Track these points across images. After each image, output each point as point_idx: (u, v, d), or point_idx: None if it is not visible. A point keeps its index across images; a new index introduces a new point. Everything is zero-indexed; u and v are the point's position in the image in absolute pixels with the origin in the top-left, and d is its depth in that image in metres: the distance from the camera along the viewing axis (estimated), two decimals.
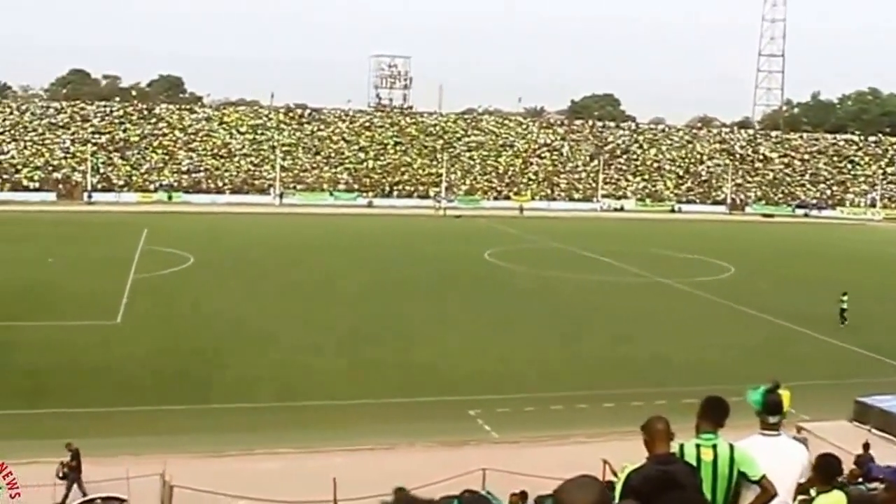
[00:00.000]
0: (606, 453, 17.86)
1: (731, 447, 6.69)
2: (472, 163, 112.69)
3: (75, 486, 20.59)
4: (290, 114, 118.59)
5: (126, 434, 25.41)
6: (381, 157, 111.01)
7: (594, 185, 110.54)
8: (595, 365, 33.89)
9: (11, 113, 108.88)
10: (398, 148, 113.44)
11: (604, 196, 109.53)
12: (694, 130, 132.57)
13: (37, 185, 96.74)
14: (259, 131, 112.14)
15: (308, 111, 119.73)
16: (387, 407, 28.15)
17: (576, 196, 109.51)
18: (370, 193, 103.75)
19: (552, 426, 26.24)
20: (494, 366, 33.01)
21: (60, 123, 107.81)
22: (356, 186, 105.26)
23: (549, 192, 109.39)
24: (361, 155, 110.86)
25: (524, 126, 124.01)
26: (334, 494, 18.43)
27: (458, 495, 5.10)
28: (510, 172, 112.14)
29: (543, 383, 30.80)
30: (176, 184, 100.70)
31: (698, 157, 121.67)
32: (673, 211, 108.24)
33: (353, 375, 31.51)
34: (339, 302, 44.26)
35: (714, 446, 6.63)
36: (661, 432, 6.22)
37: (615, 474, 15.84)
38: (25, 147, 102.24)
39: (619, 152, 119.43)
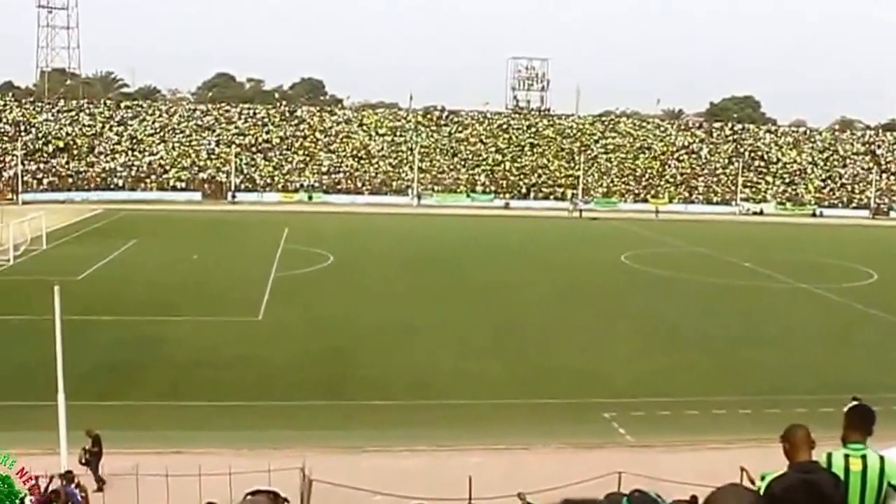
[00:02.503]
0: (744, 461, 17.51)
1: (882, 458, 6.54)
2: (608, 165, 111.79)
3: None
4: (429, 116, 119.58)
5: (266, 427, 26.15)
6: (518, 159, 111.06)
7: (733, 188, 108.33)
8: (732, 370, 33.28)
9: (160, 115, 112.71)
10: (535, 150, 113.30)
11: (742, 199, 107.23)
12: (836, 133, 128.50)
13: (183, 184, 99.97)
14: (398, 133, 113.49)
15: (446, 113, 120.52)
16: (522, 407, 28.25)
17: (714, 199, 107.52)
18: (507, 195, 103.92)
19: (687, 431, 25.92)
20: (630, 369, 32.76)
21: (206, 125, 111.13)
22: (493, 188, 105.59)
23: (686, 194, 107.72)
24: (498, 157, 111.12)
25: (662, 128, 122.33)
26: (469, 493, 18.58)
27: (627, 493, 5.18)
28: (647, 175, 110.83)
29: (679, 388, 30.41)
30: (316, 184, 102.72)
31: (840, 160, 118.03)
32: (814, 215, 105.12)
33: (489, 376, 31.66)
34: (475, 303, 44.50)
35: (863, 456, 6.48)
36: (803, 440, 6.14)
37: (752, 482, 15.61)
38: (173, 148, 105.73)
39: (758, 155, 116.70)
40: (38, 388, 25.86)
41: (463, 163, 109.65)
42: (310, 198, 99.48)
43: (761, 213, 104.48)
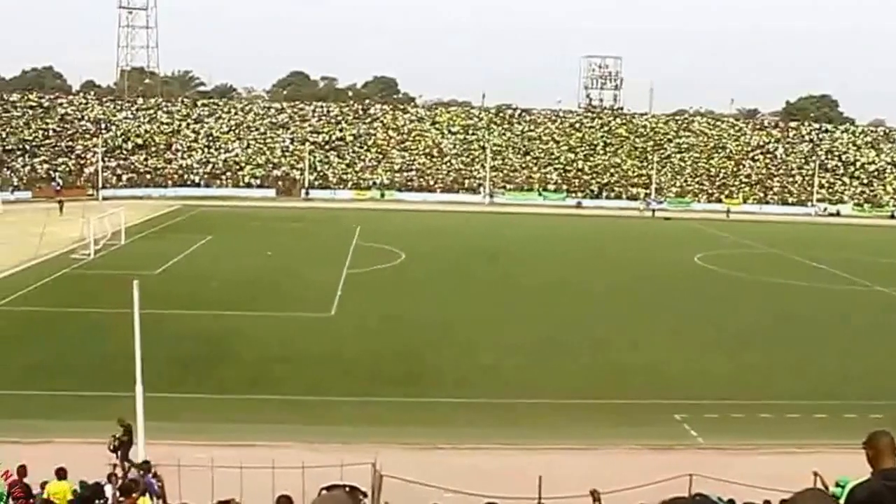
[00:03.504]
0: (817, 466, 17.37)
1: None
2: (682, 164, 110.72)
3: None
4: (501, 114, 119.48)
5: (338, 423, 26.42)
6: (591, 158, 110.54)
7: (809, 188, 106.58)
8: (807, 374, 32.85)
9: (236, 113, 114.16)
10: (608, 149, 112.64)
11: (818, 200, 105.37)
12: None
13: (258, 181, 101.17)
14: (470, 131, 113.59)
15: (518, 112, 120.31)
16: (592, 408, 28.19)
17: (789, 200, 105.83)
18: (579, 194, 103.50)
19: (760, 435, 25.66)
20: (702, 370, 32.52)
21: (280, 123, 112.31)
22: (565, 187, 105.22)
23: (761, 195, 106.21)
24: (571, 155, 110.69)
25: (737, 128, 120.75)
26: (539, 492, 18.61)
27: (690, 497, 5.15)
28: (721, 175, 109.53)
29: (752, 390, 30.09)
30: (388, 182, 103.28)
31: None
32: (892, 217, 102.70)
33: (561, 374, 31.69)
34: (546, 301, 44.49)
35: None
36: (888, 447, 6.01)
37: (826, 487, 15.45)
38: (248, 146, 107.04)
39: (835, 155, 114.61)
40: (116, 380, 26.44)
41: (535, 161, 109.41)
42: (382, 195, 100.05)
43: (838, 214, 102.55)
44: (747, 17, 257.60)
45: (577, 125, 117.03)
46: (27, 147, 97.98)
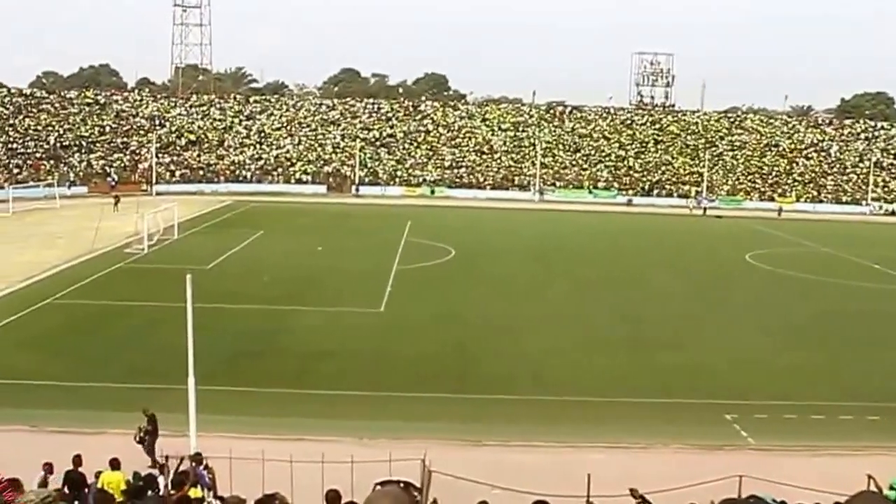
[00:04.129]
0: (870, 468, 17.17)
1: None
2: (734, 162, 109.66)
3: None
4: (552, 111, 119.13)
5: (387, 418, 26.54)
6: (642, 156, 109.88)
7: (864, 187, 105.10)
8: (859, 375, 32.41)
9: (288, 110, 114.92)
10: (659, 146, 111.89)
11: (874, 199, 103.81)
12: None
13: (309, 177, 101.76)
14: (520, 128, 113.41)
15: (569, 109, 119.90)
16: (641, 406, 28.06)
17: (843, 198, 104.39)
18: (630, 191, 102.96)
19: (812, 436, 25.35)
20: (754, 370, 32.22)
21: (331, 120, 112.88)
22: (615, 184, 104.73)
23: (814, 193, 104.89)
24: (621, 153, 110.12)
25: (790, 125, 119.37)
26: (587, 491, 18.55)
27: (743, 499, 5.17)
28: (774, 173, 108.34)
29: (804, 391, 29.77)
30: (439, 178, 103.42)
31: None
32: None
33: (610, 372, 31.58)
34: (595, 298, 44.37)
35: None
36: None
37: (880, 490, 15.27)
38: (299, 142, 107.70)
39: (892, 153, 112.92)
40: (169, 372, 26.80)
41: (585, 159, 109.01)
42: (432, 192, 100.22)
43: (893, 213, 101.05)
44: (801, 12, 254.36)
45: (628, 122, 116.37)
46: (83, 143, 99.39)
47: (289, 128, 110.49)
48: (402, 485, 6.37)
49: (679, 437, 25.13)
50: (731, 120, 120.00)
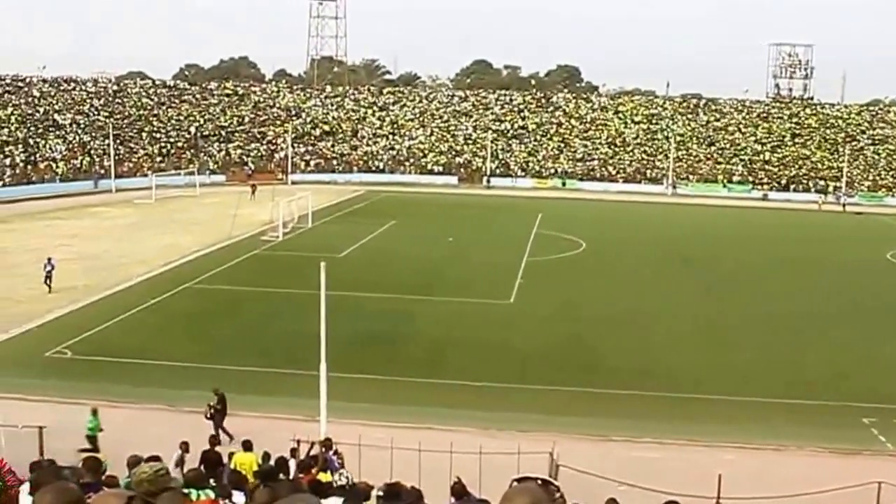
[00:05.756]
0: None
1: None
2: (875, 157, 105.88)
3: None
4: (685, 104, 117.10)
5: (514, 409, 26.53)
6: (778, 150, 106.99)
7: None
8: None
9: (420, 101, 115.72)
10: (796, 140, 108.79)
11: None
12: None
13: (440, 168, 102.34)
14: (653, 121, 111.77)
15: (703, 101, 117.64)
16: (774, 407, 27.38)
17: None
18: (765, 186, 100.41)
19: None
20: (894, 373, 31.11)
21: (463, 111, 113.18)
22: (750, 179, 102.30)
23: None
24: (757, 147, 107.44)
25: None
26: (718, 491, 18.22)
27: None
28: None
29: None
30: (570, 171, 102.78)
31: None
32: None
33: (741, 371, 30.91)
34: (727, 296, 43.33)
35: None
36: None
37: None
38: (431, 133, 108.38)
39: None
40: (299, 358, 27.33)
41: (720, 152, 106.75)
42: (563, 184, 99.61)
43: None
44: None
45: (765, 115, 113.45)
46: (222, 133, 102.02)
47: (421, 119, 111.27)
48: (539, 482, 6.22)
49: (813, 441, 24.47)
50: (873, 113, 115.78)
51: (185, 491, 8.49)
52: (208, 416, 23.55)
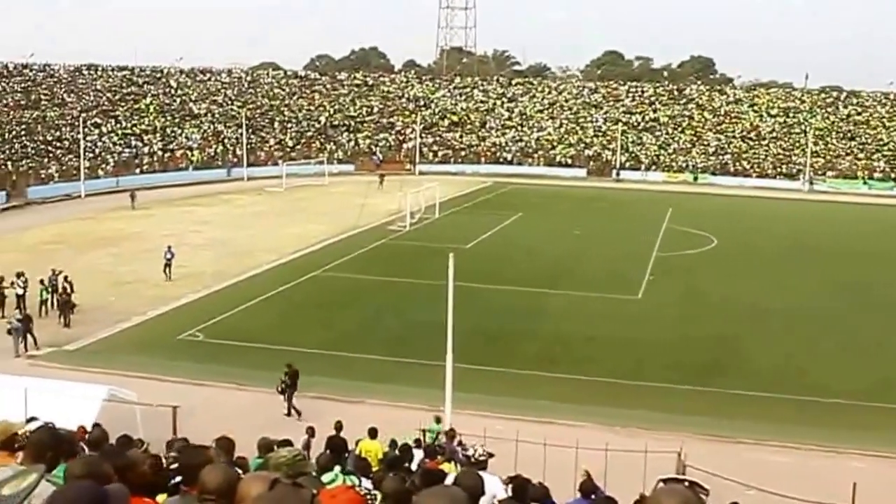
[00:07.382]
0: None
1: None
2: None
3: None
4: (825, 96, 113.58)
5: (640, 407, 26.02)
6: None
7: None
8: None
9: (550, 93, 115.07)
10: None
11: None
12: None
13: (569, 161, 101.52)
14: (790, 114, 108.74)
15: (844, 94, 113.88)
16: None
17: None
18: None
19: None
20: None
21: (593, 103, 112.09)
22: (893, 176, 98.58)
23: None
24: None
25: None
26: (852, 499, 17.47)
27: None
28: None
29: None
30: (702, 165, 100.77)
31: None
32: None
33: (873, 377, 29.59)
34: (862, 299, 41.34)
35: None
36: None
37: None
38: (560, 125, 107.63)
39: None
40: (424, 348, 27.34)
41: (861, 147, 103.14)
42: (695, 178, 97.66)
43: None
44: None
45: None
46: (352, 123, 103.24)
47: (550, 110, 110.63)
48: (687, 484, 5.93)
49: None
50: None
51: (332, 475, 8.71)
52: (279, 390, 24.50)
